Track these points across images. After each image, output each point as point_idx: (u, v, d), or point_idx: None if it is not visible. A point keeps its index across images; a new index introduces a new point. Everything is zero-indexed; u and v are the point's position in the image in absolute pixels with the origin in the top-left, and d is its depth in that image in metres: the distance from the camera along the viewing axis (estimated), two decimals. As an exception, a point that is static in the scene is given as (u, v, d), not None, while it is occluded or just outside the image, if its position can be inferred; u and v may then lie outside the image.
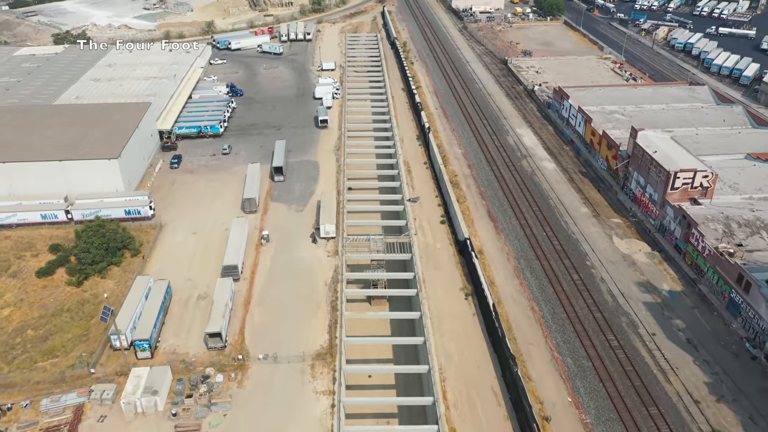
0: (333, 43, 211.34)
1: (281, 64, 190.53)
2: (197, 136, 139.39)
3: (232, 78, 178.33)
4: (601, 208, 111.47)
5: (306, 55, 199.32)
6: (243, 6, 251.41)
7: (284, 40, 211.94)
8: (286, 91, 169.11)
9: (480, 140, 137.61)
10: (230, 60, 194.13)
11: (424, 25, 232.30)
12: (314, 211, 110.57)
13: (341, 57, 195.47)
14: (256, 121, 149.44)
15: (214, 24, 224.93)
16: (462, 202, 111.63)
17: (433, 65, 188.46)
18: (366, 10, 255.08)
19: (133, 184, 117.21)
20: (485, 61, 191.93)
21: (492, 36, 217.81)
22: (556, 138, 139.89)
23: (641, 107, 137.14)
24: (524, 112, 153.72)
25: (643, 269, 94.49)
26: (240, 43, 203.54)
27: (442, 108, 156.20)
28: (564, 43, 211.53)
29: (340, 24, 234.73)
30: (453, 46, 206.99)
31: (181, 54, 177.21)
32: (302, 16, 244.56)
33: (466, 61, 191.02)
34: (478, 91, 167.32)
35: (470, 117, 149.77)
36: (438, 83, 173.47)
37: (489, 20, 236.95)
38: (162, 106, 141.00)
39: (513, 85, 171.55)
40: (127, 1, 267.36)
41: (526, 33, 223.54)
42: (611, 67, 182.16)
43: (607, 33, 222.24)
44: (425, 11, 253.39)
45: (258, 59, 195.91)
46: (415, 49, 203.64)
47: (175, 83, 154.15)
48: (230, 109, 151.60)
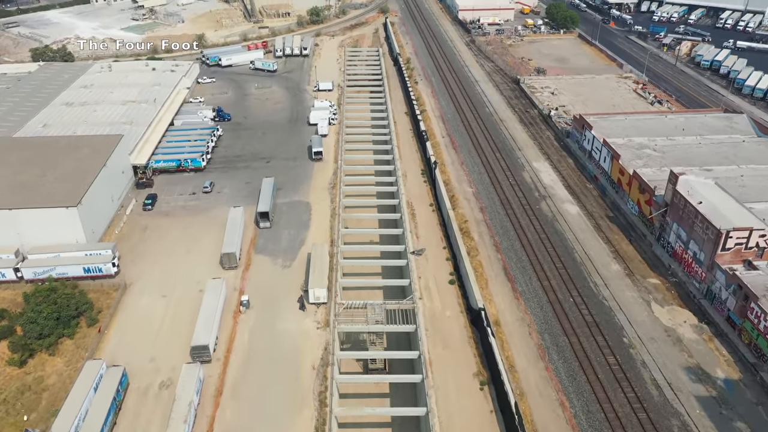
0: (331, 59, 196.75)
1: (275, 83, 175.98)
2: (177, 170, 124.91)
3: (221, 99, 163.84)
4: (635, 264, 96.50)
5: (302, 73, 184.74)
6: (237, 17, 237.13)
7: (279, 55, 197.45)
8: (279, 114, 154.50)
9: (492, 176, 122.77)
10: (220, 78, 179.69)
11: (429, 39, 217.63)
12: (303, 266, 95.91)
13: (340, 75, 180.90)
14: (243, 152, 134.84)
15: (205, 38, 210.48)
16: (474, 255, 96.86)
17: (439, 85, 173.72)
18: (367, 21, 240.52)
19: (98, 232, 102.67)
20: (495, 80, 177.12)
21: (502, 51, 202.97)
22: (577, 174, 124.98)
23: (673, 140, 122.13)
24: (540, 141, 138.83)
25: (691, 348, 79.53)
26: (231, 60, 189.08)
27: (449, 136, 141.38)
28: (580, 59, 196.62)
29: (339, 37, 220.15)
30: (460, 62, 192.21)
31: (164, 74, 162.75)
32: (300, 28, 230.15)
33: (474, 81, 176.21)
34: (489, 116, 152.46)
35: (481, 148, 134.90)
36: (445, 106, 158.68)
37: (498, 33, 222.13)
38: (138, 136, 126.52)
39: (527, 109, 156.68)
40: (115, 11, 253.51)
41: (539, 47, 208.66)
42: (633, 88, 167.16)
43: (625, 48, 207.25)
44: (430, 23, 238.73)
45: (250, 77, 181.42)
46: (420, 66, 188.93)
47: (155, 108, 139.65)
48: (215, 137, 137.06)
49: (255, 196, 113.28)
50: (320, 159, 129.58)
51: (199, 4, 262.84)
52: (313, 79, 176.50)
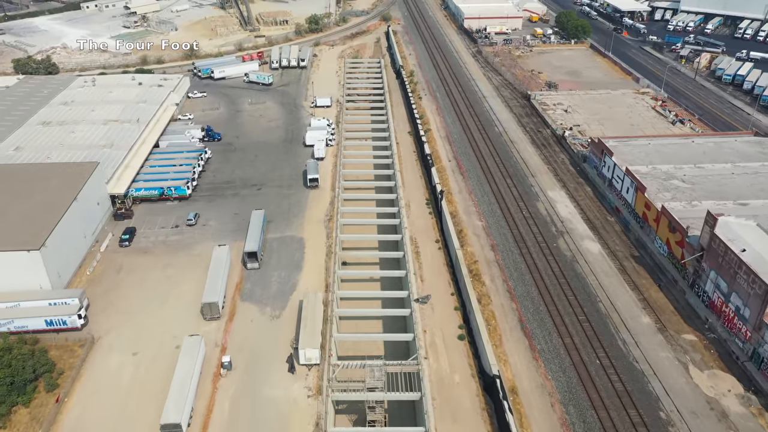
0: (330, 71, 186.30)
1: (269, 98, 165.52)
2: (159, 198, 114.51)
3: (212, 116, 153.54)
4: (667, 316, 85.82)
5: (299, 87, 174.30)
6: (232, 25, 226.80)
7: (275, 67, 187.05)
8: (273, 134, 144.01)
9: (504, 207, 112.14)
10: (212, 92, 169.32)
11: (434, 49, 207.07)
12: (294, 316, 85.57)
13: (339, 89, 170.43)
14: (233, 177, 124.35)
15: (198, 47, 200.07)
16: (485, 304, 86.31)
17: (444, 101, 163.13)
18: (369, 29, 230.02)
19: (67, 275, 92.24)
20: (504, 95, 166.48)
21: (510, 63, 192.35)
22: (596, 204, 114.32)
23: (702, 167, 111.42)
24: (555, 166, 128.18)
25: (739, 426, 68.82)
26: (224, 72, 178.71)
27: (456, 159, 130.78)
28: (593, 72, 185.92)
29: (339, 47, 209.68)
30: (467, 75, 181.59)
31: (151, 89, 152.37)
32: (298, 36, 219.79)
33: (482, 96, 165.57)
34: (498, 136, 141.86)
35: (491, 173, 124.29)
36: (451, 125, 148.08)
37: (506, 43, 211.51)
38: (118, 161, 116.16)
39: (539, 128, 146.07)
40: (106, 18, 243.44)
41: (549, 59, 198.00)
42: (652, 105, 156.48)
43: (640, 59, 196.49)
44: (434, 32, 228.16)
45: (244, 91, 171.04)
46: (424, 79, 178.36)
47: (138, 129, 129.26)
48: (203, 160, 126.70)
49: (243, 231, 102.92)
50: (316, 186, 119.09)
51: (194, 11, 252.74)
52: (311, 95, 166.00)
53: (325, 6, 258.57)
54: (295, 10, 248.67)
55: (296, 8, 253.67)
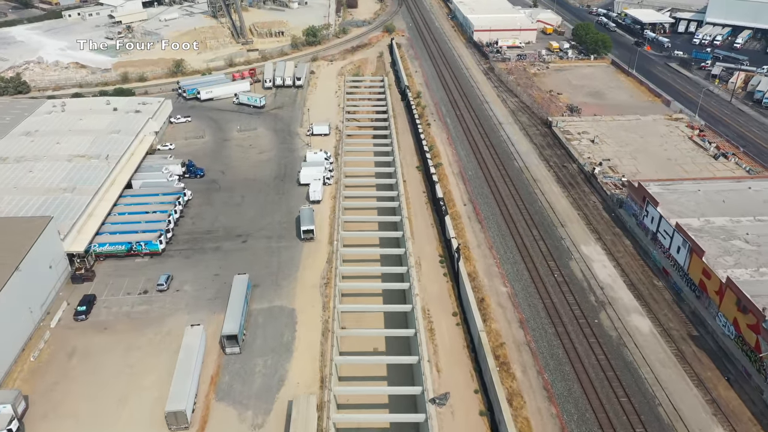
0: (329, 90, 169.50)
1: (261, 123, 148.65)
2: (127, 254, 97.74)
3: (196, 145, 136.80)
4: (744, 426, 69.14)
5: (294, 110, 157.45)
6: (223, 37, 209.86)
7: (268, 86, 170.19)
8: (263, 169, 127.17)
9: (532, 268, 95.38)
10: (197, 116, 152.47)
11: (442, 65, 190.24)
12: (281, 424, 68.85)
13: (338, 112, 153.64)
14: (214, 226, 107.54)
15: (185, 64, 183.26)
16: (518, 407, 69.84)
17: (456, 128, 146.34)
18: (371, 42, 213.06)
19: (5, 364, 75.44)
20: (522, 121, 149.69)
21: (526, 82, 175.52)
22: (639, 263, 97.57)
23: (765, 221, 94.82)
24: (586, 211, 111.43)
25: None
26: (212, 92, 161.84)
27: (472, 203, 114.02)
28: (617, 93, 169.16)
29: (338, 62, 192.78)
30: (479, 97, 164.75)
31: (127, 116, 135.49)
32: (294, 50, 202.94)
33: (497, 123, 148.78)
34: (519, 173, 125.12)
35: (513, 222, 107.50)
36: (464, 158, 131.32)
37: (520, 59, 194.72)
38: (80, 208, 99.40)
39: (563, 163, 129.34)
40: (89, 28, 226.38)
41: (568, 77, 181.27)
42: (689, 135, 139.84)
43: (667, 78, 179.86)
44: (442, 45, 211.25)
45: (233, 114, 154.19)
46: (432, 101, 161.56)
47: (107, 167, 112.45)
48: (181, 204, 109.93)
49: (223, 299, 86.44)
50: (311, 239, 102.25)
51: (184, 20, 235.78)
52: (307, 120, 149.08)
53: (323, 15, 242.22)
54: (292, 20, 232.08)
55: (293, 17, 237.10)
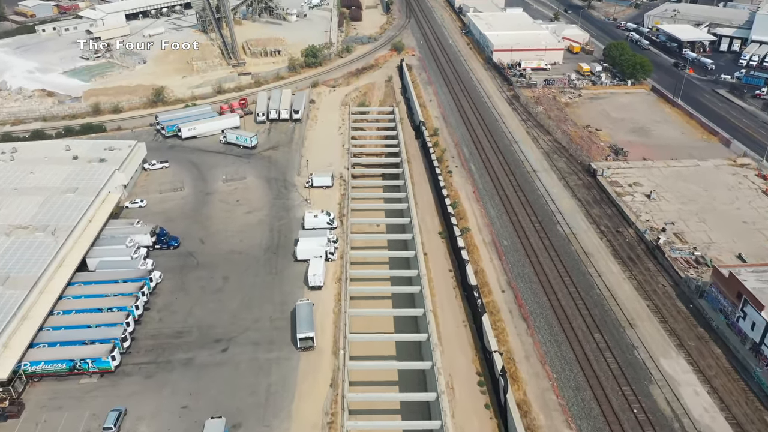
0: (331, 125, 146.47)
1: (251, 170, 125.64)
2: (69, 374, 74.87)
3: (172, 201, 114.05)
4: None
5: (290, 151, 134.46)
6: (212, 58, 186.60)
7: (261, 120, 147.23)
8: (252, 235, 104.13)
9: (602, 398, 72.43)
10: (177, 159, 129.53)
11: (459, 93, 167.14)
12: None
13: (342, 155, 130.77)
14: (187, 323, 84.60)
15: (166, 91, 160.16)
16: None
17: (482, 177, 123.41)
18: (377, 63, 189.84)
19: None
20: (559, 167, 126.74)
21: (558, 114, 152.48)
22: (737, 384, 74.81)
23: None
24: (656, 300, 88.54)
25: None
26: (195, 129, 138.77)
27: (512, 289, 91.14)
28: (664, 128, 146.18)
29: (342, 89, 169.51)
30: (506, 136, 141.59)
31: (90, 166, 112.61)
32: (292, 73, 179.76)
33: (531, 170, 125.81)
34: (565, 242, 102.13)
35: (569, 321, 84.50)
36: (496, 221, 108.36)
37: (548, 84, 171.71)
38: (11, 310, 76.53)
39: (617, 227, 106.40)
40: (64, 45, 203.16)
41: (604, 107, 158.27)
42: (762, 188, 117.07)
43: (717, 109, 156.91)
44: (457, 67, 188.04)
45: (218, 158, 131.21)
46: (452, 140, 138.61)
47: (54, 245, 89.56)
48: (146, 295, 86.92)
49: (192, 450, 63.44)
50: (311, 347, 79.29)
51: (170, 36, 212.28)
52: (305, 164, 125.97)
53: (324, 30, 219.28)
54: (290, 35, 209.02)
55: (291, 32, 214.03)
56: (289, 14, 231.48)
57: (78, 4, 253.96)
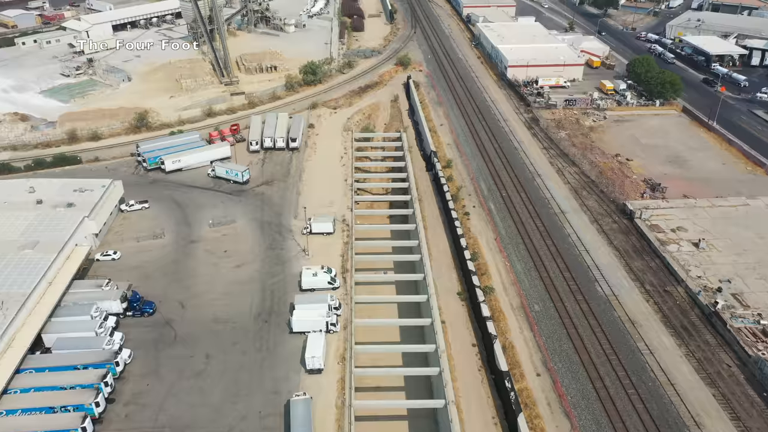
0: (332, 154, 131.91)
1: (242, 211, 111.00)
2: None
3: (151, 252, 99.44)
4: None
5: (287, 186, 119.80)
6: (203, 75, 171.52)
7: (255, 149, 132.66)
8: (240, 298, 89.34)
9: None
10: (158, 197, 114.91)
11: (472, 115, 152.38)
12: None
13: (344, 192, 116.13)
14: (158, 424, 69.78)
15: (151, 115, 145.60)
16: None
17: (504, 220, 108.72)
18: (382, 80, 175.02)
19: None
20: (590, 207, 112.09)
21: (583, 141, 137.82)
22: None
23: None
24: (725, 389, 73.92)
25: None
26: (180, 161, 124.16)
27: (549, 373, 76.42)
28: (702, 158, 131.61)
29: (344, 110, 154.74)
30: (528, 167, 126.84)
31: (55, 213, 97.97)
32: (289, 92, 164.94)
33: (559, 210, 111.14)
34: (607, 307, 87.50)
35: (622, 420, 69.74)
36: (524, 278, 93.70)
37: (569, 105, 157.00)
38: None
39: (664, 285, 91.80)
40: (45, 59, 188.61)
41: (633, 132, 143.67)
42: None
43: (758, 133, 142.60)
44: (469, 84, 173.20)
45: (206, 196, 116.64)
46: (468, 174, 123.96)
47: (3, 318, 74.81)
48: (111, 385, 72.21)
49: None
50: (308, 458, 64.70)
51: (160, 49, 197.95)
52: (303, 204, 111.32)
53: (325, 41, 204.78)
54: (288, 48, 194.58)
55: (289, 44, 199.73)
56: (287, 24, 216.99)
57: (63, 14, 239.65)
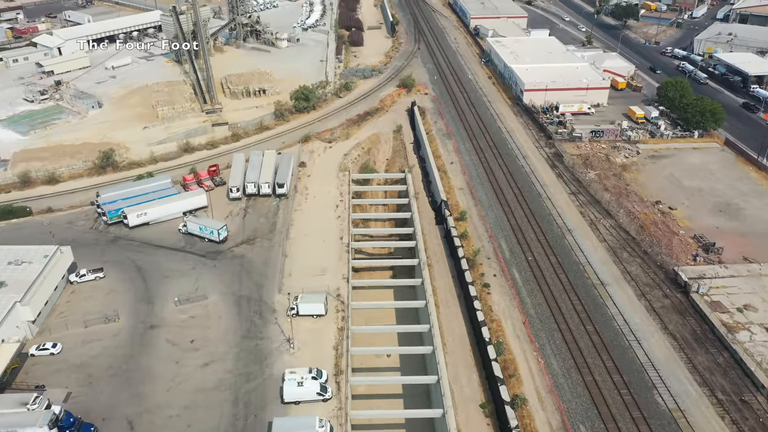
0: (326, 203, 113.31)
1: (216, 282, 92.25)
2: None
3: (99, 341, 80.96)
4: None
5: (271, 246, 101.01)
6: (182, 102, 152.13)
7: (236, 196, 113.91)
8: (206, 415, 70.52)
9: None
10: (117, 262, 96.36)
11: (486, 150, 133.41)
12: None
13: (339, 254, 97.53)
14: None
15: (119, 152, 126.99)
16: None
17: (532, 293, 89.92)
18: (383, 105, 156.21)
19: None
20: (634, 275, 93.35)
21: (616, 183, 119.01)
22: None
23: None
24: None
25: None
26: (146, 215, 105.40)
27: None
28: (758, 205, 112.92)
29: (340, 145, 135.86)
30: (556, 221, 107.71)
31: (-22, 298, 79.28)
32: (278, 121, 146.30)
33: (598, 281, 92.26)
34: (669, 426, 68.69)
35: None
36: (564, 381, 74.98)
37: (595, 137, 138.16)
38: None
39: (740, 392, 73.04)
40: (10, 80, 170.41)
41: (672, 171, 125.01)
42: None
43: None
44: (480, 110, 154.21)
45: (174, 259, 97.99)
46: (485, 231, 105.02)
47: None
48: None
49: None
50: None
51: (138, 68, 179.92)
52: (290, 272, 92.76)
53: (320, 59, 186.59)
54: (279, 66, 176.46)
55: (281, 63, 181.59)
56: (279, 39, 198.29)
57: (38, 26, 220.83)
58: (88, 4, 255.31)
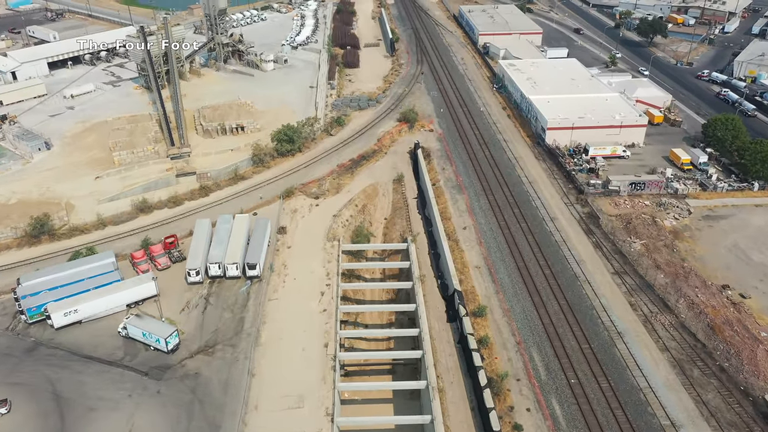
0: (309, 286, 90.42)
1: (155, 417, 69.30)
2: None
3: None
4: None
5: (235, 359, 78.01)
6: (144, 144, 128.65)
7: (195, 280, 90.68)
8: None
9: None
10: (30, 386, 73.38)
11: (506, 210, 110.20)
12: None
13: (324, 371, 74.51)
14: None
15: (57, 213, 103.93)
16: None
17: None
18: (381, 145, 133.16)
19: None
20: (713, 408, 70.32)
21: (669, 259, 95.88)
22: None
23: None
24: None
25: None
26: (77, 311, 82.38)
27: None
28: None
29: (329, 202, 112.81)
30: (601, 318, 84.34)
31: None
32: (256, 168, 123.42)
33: (668, 420, 68.93)
34: None
35: None
36: None
37: (635, 189, 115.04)
38: None
39: None
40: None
41: (735, 238, 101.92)
42: None
43: None
44: (497, 155, 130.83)
45: (105, 381, 74.95)
46: (511, 332, 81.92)
47: None
48: None
49: None
50: None
51: (101, 97, 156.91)
52: (252, 416, 69.71)
53: (310, 84, 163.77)
54: (263, 95, 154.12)
55: (265, 89, 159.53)
56: (264, 61, 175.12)
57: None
58: (58, 17, 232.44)
